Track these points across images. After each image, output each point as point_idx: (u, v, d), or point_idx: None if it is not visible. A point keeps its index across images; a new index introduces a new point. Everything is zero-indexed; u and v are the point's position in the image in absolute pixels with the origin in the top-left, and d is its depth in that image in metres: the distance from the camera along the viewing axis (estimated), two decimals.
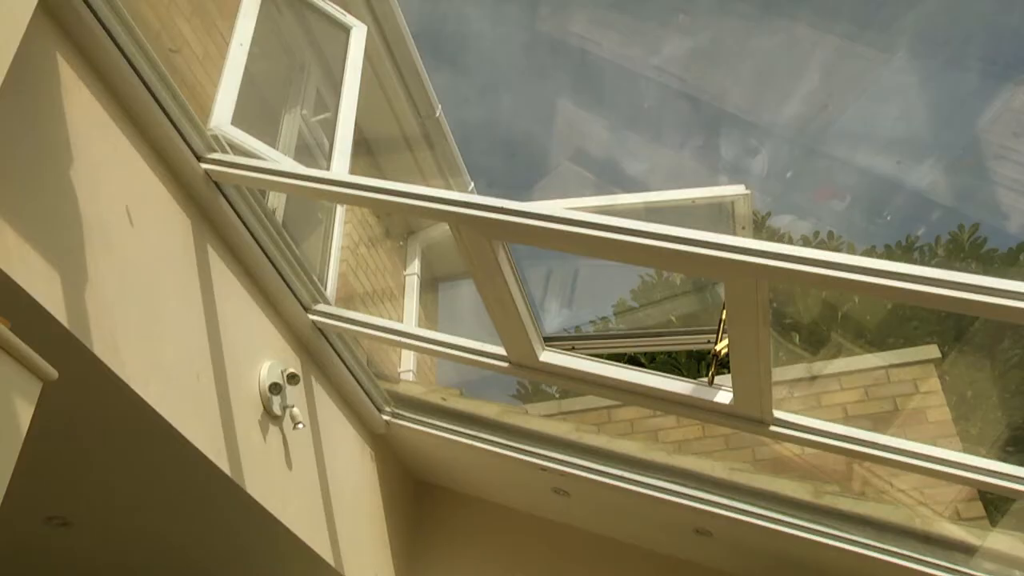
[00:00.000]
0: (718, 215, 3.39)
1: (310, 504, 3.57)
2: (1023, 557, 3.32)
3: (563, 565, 4.46)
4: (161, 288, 2.75)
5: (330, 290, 4.41)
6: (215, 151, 2.98)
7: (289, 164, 3.95)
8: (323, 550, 3.61)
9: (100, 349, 2.41)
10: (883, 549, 3.46)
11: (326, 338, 3.72)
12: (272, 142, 4.17)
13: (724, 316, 2.87)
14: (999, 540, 3.43)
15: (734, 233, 3.49)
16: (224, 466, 2.97)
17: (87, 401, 2.59)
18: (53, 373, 1.77)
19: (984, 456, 3.06)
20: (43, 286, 2.24)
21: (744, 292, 2.54)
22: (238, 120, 3.53)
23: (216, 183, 3.00)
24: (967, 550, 3.40)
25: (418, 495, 4.85)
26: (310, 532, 3.52)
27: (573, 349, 3.28)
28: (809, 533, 3.54)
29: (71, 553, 3.51)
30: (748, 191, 3.32)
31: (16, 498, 3.03)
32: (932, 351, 4.89)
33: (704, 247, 2.42)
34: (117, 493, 3.11)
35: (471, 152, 6.42)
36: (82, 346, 2.36)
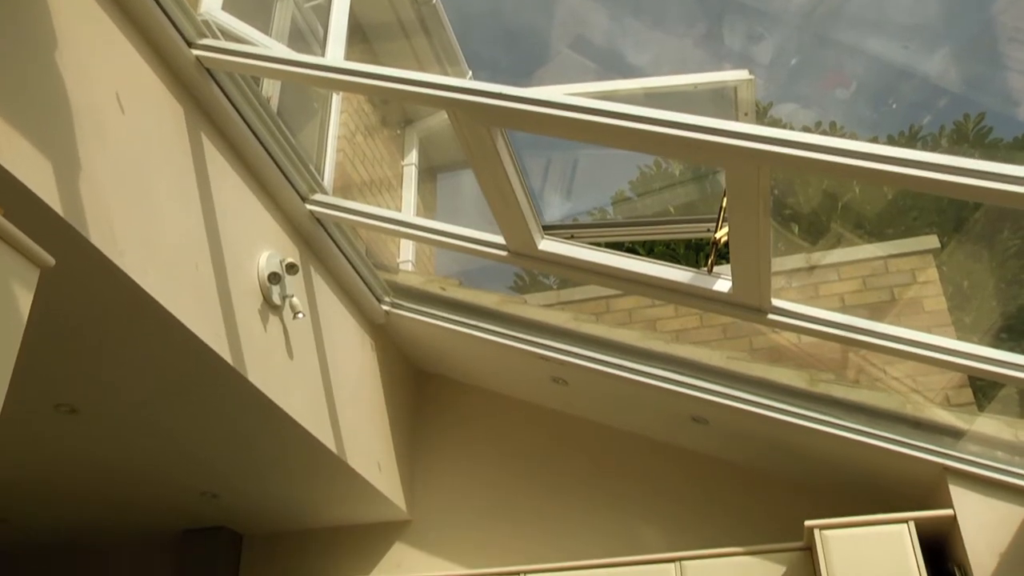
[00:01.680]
0: (720, 101, 3.33)
1: (312, 393, 3.62)
2: (1006, 439, 3.39)
3: (561, 453, 4.56)
4: (155, 177, 2.72)
5: (327, 180, 4.37)
6: (206, 37, 2.90)
7: (282, 50, 3.86)
8: (325, 438, 3.68)
9: (97, 238, 2.40)
10: (875, 435, 3.53)
11: (324, 228, 3.71)
12: (265, 28, 4.06)
13: (724, 204, 2.86)
14: (986, 424, 3.50)
15: (736, 119, 3.44)
16: (225, 355, 3.00)
17: (87, 290, 2.59)
18: (50, 260, 1.76)
19: (977, 344, 3.10)
20: (36, 175, 2.21)
21: (745, 179, 2.52)
22: (229, 5, 3.43)
23: (208, 70, 2.93)
24: (955, 434, 3.47)
25: (418, 384, 4.92)
26: (312, 421, 3.59)
27: (572, 238, 3.27)
28: (804, 420, 3.61)
29: (80, 441, 3.58)
30: (751, 76, 3.24)
31: (24, 384, 3.08)
32: (931, 241, 4.89)
33: (705, 133, 2.39)
34: (122, 381, 3.15)
35: (470, 42, 6.26)
36: (79, 235, 2.34)
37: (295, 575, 4.57)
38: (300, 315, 3.46)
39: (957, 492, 3.38)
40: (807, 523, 3.56)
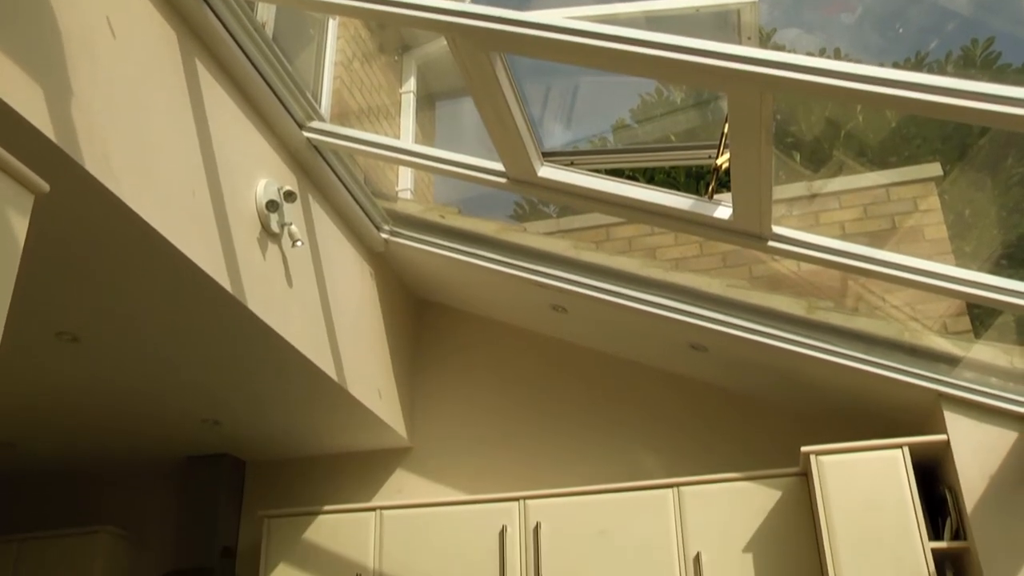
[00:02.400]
0: (723, 25, 3.26)
1: (312, 321, 3.64)
2: (1001, 365, 3.42)
3: (561, 380, 4.60)
4: (149, 103, 2.68)
5: (324, 107, 4.32)
6: None
7: None
8: (325, 366, 3.71)
9: (92, 165, 2.38)
10: (872, 361, 3.55)
11: (322, 156, 3.67)
12: None
13: (726, 130, 2.82)
14: (981, 351, 3.53)
15: (739, 43, 3.37)
16: (224, 283, 3.00)
17: (84, 218, 2.58)
18: (44, 186, 1.75)
19: (977, 271, 3.10)
20: (26, 100, 2.18)
21: (748, 105, 2.48)
22: None
23: None
24: (951, 361, 3.50)
25: (418, 313, 4.94)
26: (312, 349, 3.61)
27: (572, 165, 3.24)
28: (801, 347, 3.63)
29: (82, 369, 3.60)
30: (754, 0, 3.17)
31: (25, 313, 3.10)
32: (934, 169, 4.84)
33: (708, 57, 2.35)
34: (123, 310, 3.15)
35: None
36: (72, 162, 2.32)
37: (298, 501, 4.65)
38: (299, 243, 3.45)
39: (951, 418, 3.42)
40: (803, 449, 3.61)
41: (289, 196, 3.39)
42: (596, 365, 4.58)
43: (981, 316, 4.24)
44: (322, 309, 3.74)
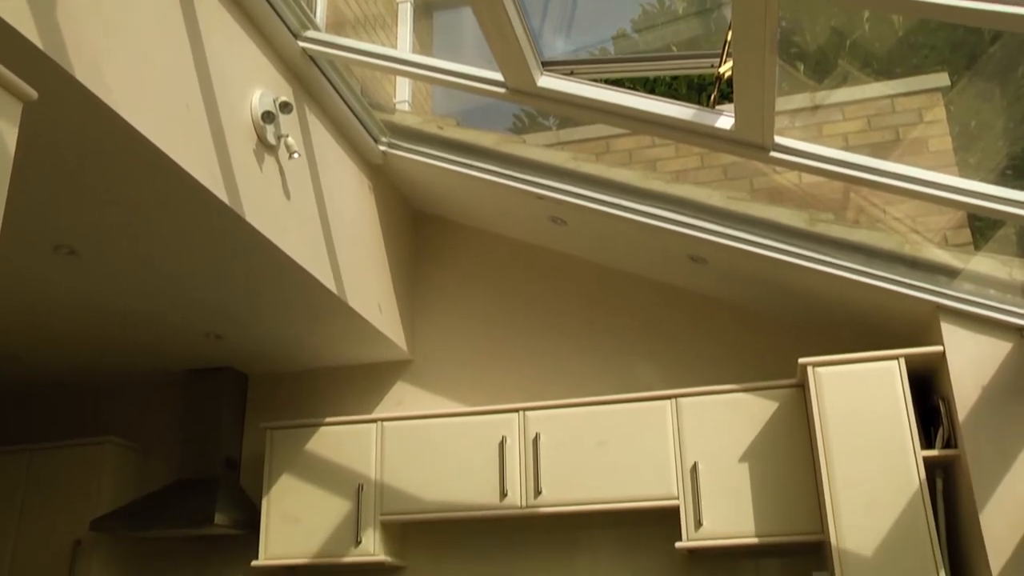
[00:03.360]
0: None
1: (310, 234, 3.62)
2: (1000, 277, 3.42)
3: (560, 292, 4.62)
4: (140, 12, 2.62)
5: (320, 16, 4.22)
6: None
7: None
8: (325, 279, 3.71)
9: (82, 74, 2.34)
10: (871, 273, 3.55)
11: (318, 66, 3.61)
12: None
13: (729, 38, 2.76)
14: (981, 263, 3.52)
15: None
16: (222, 195, 2.98)
17: (78, 130, 2.55)
18: (32, 93, 1.71)
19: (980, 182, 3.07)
20: (12, 6, 2.12)
21: (753, 10, 2.42)
22: None
23: None
24: (950, 273, 3.50)
25: (417, 226, 4.93)
26: (312, 262, 3.61)
27: (572, 74, 3.18)
28: (801, 259, 3.62)
29: (81, 282, 3.61)
30: None
31: (22, 226, 3.09)
32: (941, 79, 4.75)
33: None
34: (120, 224, 3.14)
35: None
36: (62, 71, 2.28)
37: (300, 413, 4.72)
38: (296, 155, 3.41)
39: (948, 329, 3.44)
40: (800, 360, 3.65)
41: (285, 107, 3.34)
42: (595, 277, 4.59)
43: (982, 228, 4.22)
44: (320, 222, 3.73)
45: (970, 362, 3.37)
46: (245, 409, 4.84)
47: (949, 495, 3.52)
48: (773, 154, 3.09)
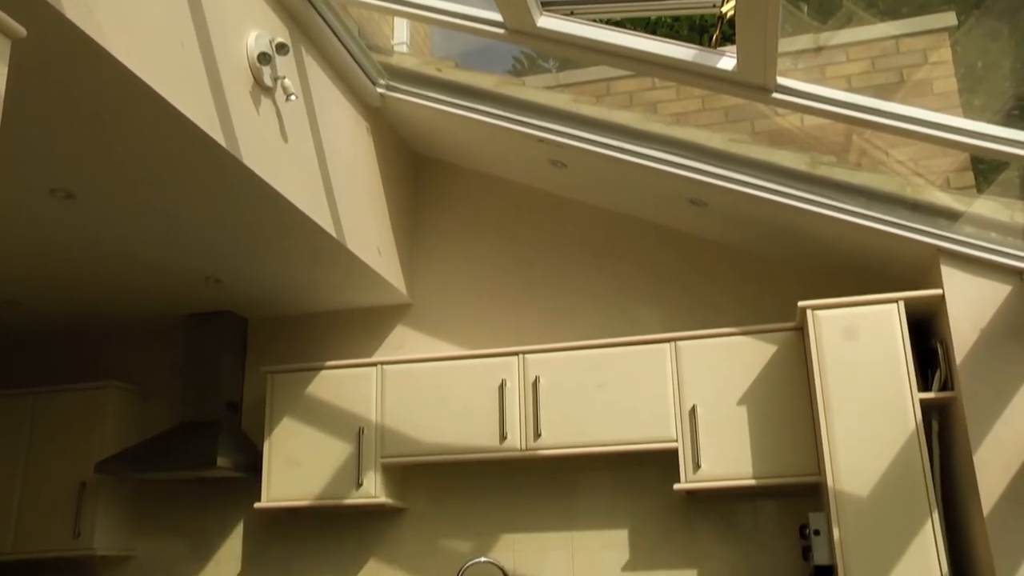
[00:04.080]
0: None
1: (309, 177, 3.60)
2: (1001, 220, 3.40)
3: (560, 236, 4.60)
4: None
5: None
6: None
7: None
8: (324, 222, 3.70)
9: (72, 12, 2.29)
10: (872, 216, 3.53)
11: (314, 6, 3.54)
12: None
13: None
14: (983, 206, 3.50)
15: None
16: (219, 137, 2.95)
17: (70, 71, 2.51)
18: (20, 30, 1.68)
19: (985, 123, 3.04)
20: None
21: None
22: None
23: None
24: (952, 216, 3.48)
25: (416, 169, 4.89)
26: (311, 205, 3.59)
27: (572, 15, 3.12)
28: (802, 202, 3.60)
29: (80, 226, 3.59)
30: None
31: (17, 169, 3.07)
32: (948, 19, 4.68)
33: None
34: (117, 167, 3.11)
35: None
36: (53, 10, 2.23)
37: (300, 357, 4.74)
38: (293, 97, 3.37)
39: (948, 272, 3.44)
40: (800, 304, 3.65)
41: (281, 48, 3.29)
42: (595, 221, 4.58)
43: (985, 171, 4.19)
44: (319, 165, 3.70)
45: (969, 305, 3.37)
46: (245, 353, 4.86)
47: (944, 436, 3.55)
48: (775, 95, 3.05)
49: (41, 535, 4.46)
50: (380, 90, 4.15)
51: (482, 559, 4.13)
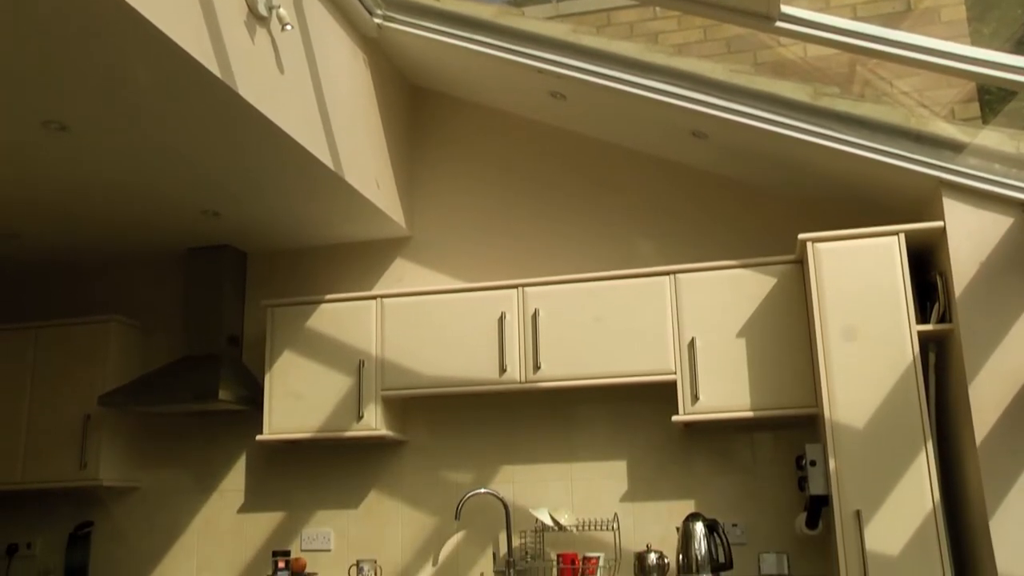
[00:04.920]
0: None
1: (306, 109, 3.56)
2: (1006, 151, 3.37)
3: (559, 168, 4.57)
4: None
5: None
6: None
7: None
8: (322, 154, 3.66)
9: None
10: (875, 148, 3.50)
11: None
12: None
13: None
14: (988, 137, 3.46)
15: None
16: (212, 67, 2.90)
17: (62, 0, 2.47)
18: None
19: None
20: None
21: None
22: None
23: None
24: (956, 147, 3.45)
25: (414, 101, 4.84)
26: (308, 137, 3.55)
27: None
28: (805, 134, 3.57)
29: (74, 159, 3.56)
30: None
31: (8, 100, 3.03)
32: None
33: None
34: (110, 98, 3.07)
35: None
36: None
37: (300, 291, 4.74)
38: (288, 27, 3.31)
39: (950, 204, 3.42)
40: (800, 236, 3.64)
41: None
42: (595, 153, 4.54)
43: (991, 102, 4.14)
44: (316, 97, 3.65)
45: (970, 237, 3.36)
46: (245, 287, 4.86)
47: (941, 368, 3.58)
48: (779, 24, 3.00)
49: (48, 466, 4.53)
50: (377, 20, 4.08)
51: (482, 490, 4.19)
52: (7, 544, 4.82)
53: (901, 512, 3.25)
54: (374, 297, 4.28)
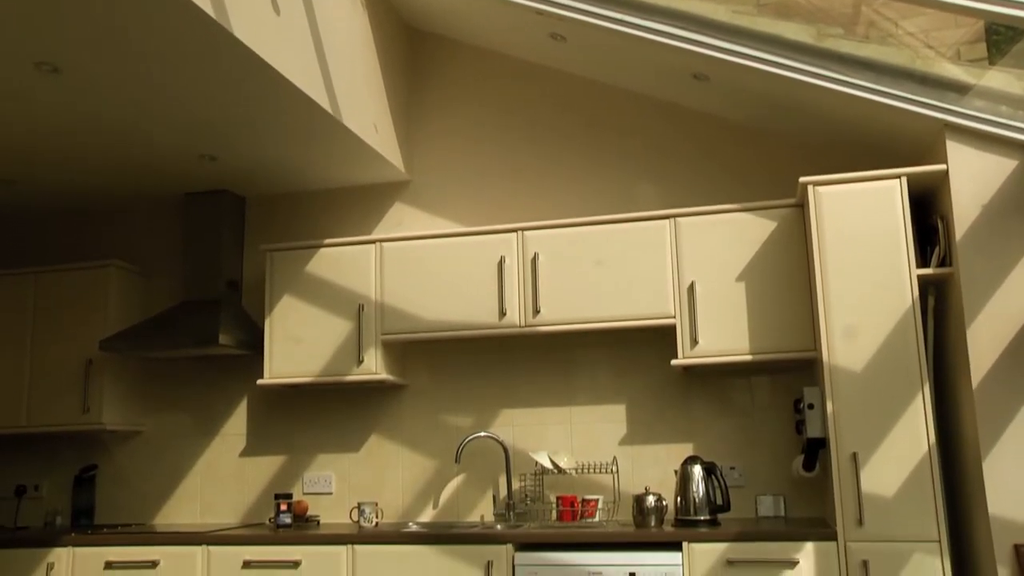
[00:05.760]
0: None
1: (302, 52, 3.50)
2: (1013, 92, 3.32)
3: (560, 112, 4.52)
4: None
5: None
6: None
7: None
8: (319, 97, 3.62)
9: None
10: (879, 91, 3.45)
11: None
12: None
13: None
14: (995, 78, 3.41)
15: None
16: (207, 7, 2.85)
17: None
18: None
19: None
20: None
21: None
22: None
23: None
24: (961, 89, 3.40)
25: (412, 44, 4.77)
26: (304, 79, 3.51)
27: None
28: (808, 76, 3.52)
29: (68, 102, 3.52)
30: None
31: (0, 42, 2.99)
32: None
33: None
34: (102, 39, 3.02)
35: None
36: None
37: (299, 236, 4.73)
38: None
39: (953, 147, 3.38)
40: (801, 179, 3.61)
41: None
42: (595, 96, 4.49)
43: (999, 43, 4.07)
44: (312, 39, 3.60)
45: (972, 180, 3.33)
46: (244, 232, 4.85)
47: (939, 312, 3.57)
48: None
49: (52, 410, 4.57)
50: None
51: (482, 433, 4.22)
52: (15, 486, 4.89)
53: (897, 454, 3.27)
54: (373, 241, 4.26)
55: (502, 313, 4.03)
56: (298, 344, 4.27)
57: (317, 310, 4.28)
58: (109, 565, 4.01)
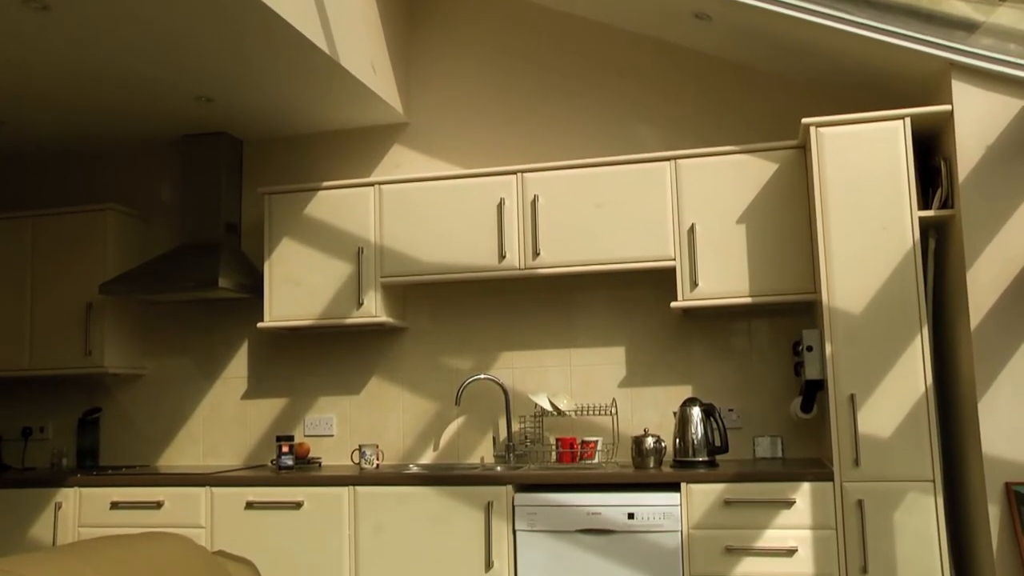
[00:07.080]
0: None
1: None
2: (1023, 30, 3.26)
3: (560, 53, 4.45)
4: None
5: None
6: None
7: None
8: (316, 38, 3.57)
9: None
10: (885, 30, 3.39)
11: None
12: None
13: None
14: (1005, 15, 3.34)
15: None
16: None
17: None
18: None
19: None
20: None
21: None
22: None
23: None
24: (969, 27, 3.34)
25: None
26: (300, 18, 3.45)
27: None
28: (811, 15, 3.45)
29: (58, 40, 3.47)
30: None
31: None
32: None
33: None
34: None
35: None
36: None
37: (297, 178, 4.70)
38: None
39: (959, 88, 3.33)
40: (803, 120, 3.56)
41: None
42: (595, 36, 4.42)
43: None
44: None
45: (977, 121, 3.29)
46: (242, 174, 4.82)
47: (940, 255, 3.56)
48: None
49: (54, 353, 4.59)
50: None
51: (482, 376, 4.24)
52: (21, 427, 4.94)
53: (894, 396, 3.29)
54: (372, 184, 4.24)
55: (502, 256, 4.02)
56: (298, 287, 4.27)
57: (316, 253, 4.27)
58: (115, 505, 4.07)
